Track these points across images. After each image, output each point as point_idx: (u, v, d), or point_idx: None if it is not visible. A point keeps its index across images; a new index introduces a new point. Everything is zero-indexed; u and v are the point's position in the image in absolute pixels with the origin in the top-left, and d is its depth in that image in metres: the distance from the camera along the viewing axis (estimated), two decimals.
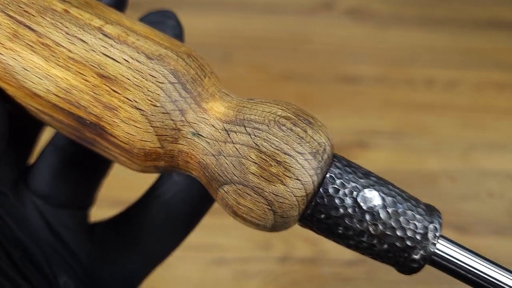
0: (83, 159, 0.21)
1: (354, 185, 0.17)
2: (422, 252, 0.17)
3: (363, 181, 0.17)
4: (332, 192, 0.17)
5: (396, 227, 0.17)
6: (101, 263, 0.22)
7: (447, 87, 0.60)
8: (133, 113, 0.16)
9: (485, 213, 0.50)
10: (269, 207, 0.17)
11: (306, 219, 0.17)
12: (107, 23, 0.17)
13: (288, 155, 0.16)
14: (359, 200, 0.17)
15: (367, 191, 0.17)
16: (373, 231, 0.17)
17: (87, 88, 0.17)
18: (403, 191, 0.18)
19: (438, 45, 0.64)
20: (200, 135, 0.17)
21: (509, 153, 0.55)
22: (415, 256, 0.17)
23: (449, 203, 0.51)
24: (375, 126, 0.56)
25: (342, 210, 0.17)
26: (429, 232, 0.17)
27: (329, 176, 0.17)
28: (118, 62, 0.17)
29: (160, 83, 0.17)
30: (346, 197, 0.17)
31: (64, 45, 0.17)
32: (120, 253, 0.22)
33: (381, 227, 0.17)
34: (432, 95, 0.59)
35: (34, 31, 0.17)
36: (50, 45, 0.17)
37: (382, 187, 0.17)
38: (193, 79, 0.17)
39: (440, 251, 0.17)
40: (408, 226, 0.17)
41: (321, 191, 0.17)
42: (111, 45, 0.17)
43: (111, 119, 0.17)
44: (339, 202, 0.17)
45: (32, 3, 0.17)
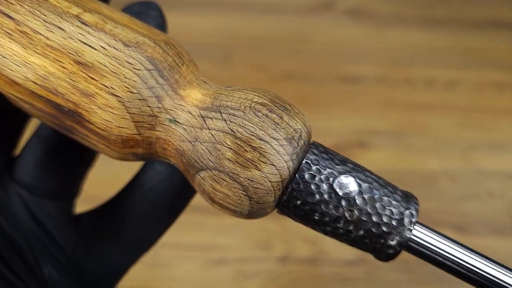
0: (67, 149, 0.21)
1: (330, 171, 0.17)
2: (398, 238, 0.17)
3: (340, 167, 0.17)
4: (308, 178, 0.17)
5: (372, 213, 0.17)
6: (85, 253, 0.22)
7: (447, 87, 0.60)
8: (110, 100, 0.17)
9: (485, 213, 0.50)
10: (245, 193, 0.17)
11: (283, 206, 0.17)
12: (85, 11, 0.17)
13: (263, 140, 0.16)
14: (335, 186, 0.17)
15: (343, 177, 0.17)
16: (349, 217, 0.17)
17: (65, 75, 0.17)
18: (380, 178, 0.18)
19: (438, 45, 0.64)
20: (177, 121, 0.17)
21: (509, 153, 0.55)
22: (391, 242, 0.17)
23: (449, 203, 0.51)
24: (375, 126, 0.56)
25: (318, 196, 0.17)
26: (405, 218, 0.17)
27: (305, 162, 0.17)
28: (95, 49, 0.17)
29: (136, 70, 0.17)
30: (322, 183, 0.17)
31: (42, 33, 0.17)
32: (104, 243, 0.22)
33: (357, 213, 0.17)
34: (432, 95, 0.59)
35: (12, 19, 0.17)
36: (28, 33, 0.17)
37: (358, 174, 0.17)
38: (171, 66, 0.17)
39: (416, 237, 0.17)
40: (384, 212, 0.17)
41: (297, 177, 0.17)
42: (89, 33, 0.17)
43: (88, 105, 0.17)
44: (315, 188, 0.17)
45: None
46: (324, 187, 0.17)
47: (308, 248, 0.48)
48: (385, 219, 0.17)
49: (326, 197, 0.17)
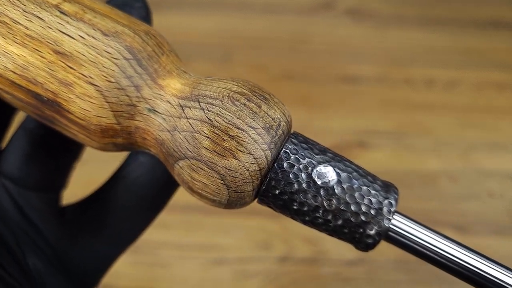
0: (53, 142, 0.21)
1: (309, 160, 0.17)
2: (376, 227, 0.17)
3: (319, 157, 0.17)
4: (286, 167, 0.17)
5: (350, 202, 0.17)
6: (70, 245, 0.22)
7: (447, 87, 0.60)
8: (88, 89, 0.17)
9: (485, 213, 0.50)
10: (223, 182, 0.17)
11: (262, 195, 0.17)
12: (65, 1, 0.17)
13: (240, 129, 0.16)
14: (313, 175, 0.17)
15: (322, 166, 0.17)
16: (327, 206, 0.17)
17: (43, 64, 0.17)
18: (360, 168, 0.18)
19: (438, 45, 0.64)
20: (155, 111, 0.17)
21: (509, 153, 0.55)
22: (370, 231, 0.17)
23: (449, 203, 0.51)
24: (375, 126, 0.56)
25: (296, 185, 0.17)
26: (384, 207, 0.17)
27: (284, 151, 0.17)
28: (73, 38, 0.17)
29: (115, 59, 0.17)
30: (300, 172, 0.17)
31: (21, 23, 0.17)
32: (89, 236, 0.22)
33: (335, 202, 0.17)
34: (432, 95, 0.59)
35: None
36: (7, 23, 0.17)
37: (338, 163, 0.17)
38: (150, 56, 0.17)
39: (395, 226, 0.17)
40: (362, 201, 0.17)
41: (276, 166, 0.17)
42: (68, 22, 0.17)
43: (66, 95, 0.17)
44: (293, 177, 0.17)
45: None
46: (302, 176, 0.17)
47: (308, 248, 0.48)
48: (363, 209, 0.17)
49: (304, 186, 0.17)
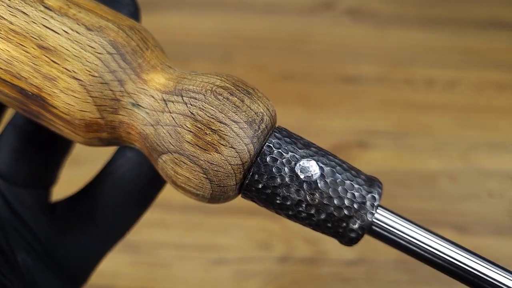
0: (42, 138, 0.21)
1: (292, 154, 0.17)
2: (359, 221, 0.17)
3: (302, 151, 0.17)
4: (269, 161, 0.17)
5: (333, 196, 0.17)
6: (59, 241, 0.22)
7: (447, 87, 0.60)
8: (72, 83, 0.17)
9: (485, 213, 0.50)
10: (205, 176, 0.17)
11: (246, 190, 0.18)
12: None
13: (223, 123, 0.16)
14: (296, 169, 0.17)
15: (305, 161, 0.17)
16: (310, 201, 0.17)
17: (28, 59, 0.17)
18: (343, 162, 0.18)
19: (438, 45, 0.64)
20: (139, 105, 0.17)
21: (509, 153, 0.55)
22: (353, 225, 0.17)
23: (449, 203, 0.51)
24: (375, 126, 0.56)
25: (279, 179, 0.17)
26: (367, 201, 0.17)
27: (267, 145, 0.17)
28: (57, 33, 0.17)
29: (98, 53, 0.17)
30: (283, 166, 0.17)
31: (5, 17, 0.17)
32: (77, 231, 0.22)
33: (318, 197, 0.17)
34: (432, 95, 0.59)
35: None
36: None
37: (321, 157, 0.17)
38: (134, 50, 0.17)
39: (378, 220, 0.17)
40: (345, 195, 0.17)
41: (259, 160, 0.17)
42: (52, 17, 0.17)
43: (50, 89, 0.17)
44: (276, 171, 0.17)
45: None
46: (285, 170, 0.17)
47: (308, 248, 0.48)
48: (346, 203, 0.17)
49: (287, 180, 0.17)
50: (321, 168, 0.17)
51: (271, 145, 0.17)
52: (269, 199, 0.17)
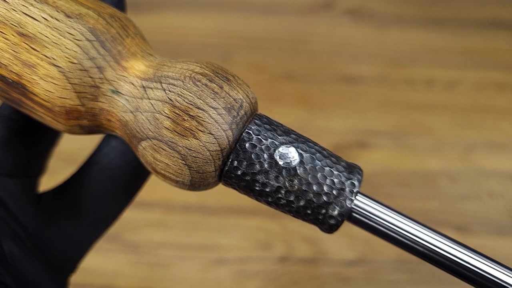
0: (29, 128, 0.21)
1: (271, 141, 0.17)
2: (338, 208, 0.17)
3: (282, 138, 0.17)
4: (248, 147, 0.17)
5: (312, 182, 0.17)
6: (47, 231, 0.22)
7: (447, 87, 0.60)
8: (51, 70, 0.17)
9: (485, 213, 0.50)
10: (184, 162, 0.17)
11: (226, 177, 0.18)
12: None
13: (201, 109, 0.16)
14: (276, 156, 0.17)
15: (285, 147, 0.17)
16: (289, 187, 0.17)
17: (7, 46, 0.17)
18: (324, 149, 0.18)
19: (438, 45, 0.64)
20: (119, 92, 0.17)
21: (509, 153, 0.55)
22: (332, 212, 0.17)
23: (449, 203, 0.51)
24: (375, 126, 0.56)
25: (258, 166, 0.17)
26: (346, 188, 0.17)
27: (246, 132, 0.17)
28: (37, 20, 0.17)
29: (77, 40, 0.17)
30: (263, 153, 0.17)
31: None
32: (64, 221, 0.22)
33: (297, 183, 0.17)
34: (432, 95, 0.59)
35: None
36: None
37: (301, 144, 0.17)
38: (114, 38, 0.17)
39: (358, 207, 0.17)
40: (324, 182, 0.17)
41: (238, 146, 0.17)
42: (31, 4, 0.17)
43: (30, 76, 0.17)
44: (255, 157, 0.17)
45: None
46: (264, 157, 0.17)
47: (308, 248, 0.48)
48: (326, 189, 0.17)
49: (266, 166, 0.17)
50: (300, 154, 0.17)
51: (251, 132, 0.17)
52: (249, 186, 0.17)
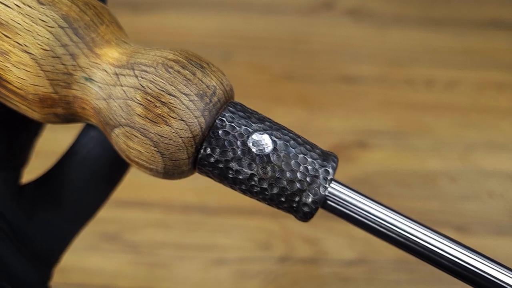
0: (11, 119, 0.21)
1: (245, 128, 0.17)
2: (312, 195, 0.17)
3: (256, 125, 0.17)
4: (221, 134, 0.17)
5: (286, 170, 0.17)
6: (29, 223, 0.22)
7: (447, 87, 0.60)
8: (23, 57, 0.17)
9: (485, 213, 0.50)
10: (156, 149, 0.17)
11: (200, 165, 0.17)
12: None
13: (172, 96, 0.16)
14: (249, 143, 0.17)
15: (258, 134, 0.17)
16: (263, 174, 0.17)
17: None
18: (298, 136, 0.18)
19: (438, 45, 0.64)
20: (92, 80, 0.17)
21: (509, 153, 0.55)
22: (306, 199, 0.17)
23: (449, 203, 0.51)
24: (375, 126, 0.56)
25: (231, 153, 0.17)
26: (320, 175, 0.17)
27: (220, 119, 0.17)
28: (9, 7, 0.17)
29: (50, 27, 0.17)
30: (236, 140, 0.17)
31: None
32: (46, 212, 0.22)
33: (270, 170, 0.17)
34: (432, 95, 0.59)
35: None
36: None
37: (275, 132, 0.17)
38: (87, 25, 0.17)
39: (332, 195, 0.17)
40: (298, 169, 0.17)
41: (211, 133, 0.17)
42: None
43: (3, 64, 0.17)
44: (228, 145, 0.17)
45: None
46: (238, 144, 0.17)
47: (308, 248, 0.48)
48: (299, 176, 0.17)
49: (240, 153, 0.17)
50: (274, 142, 0.17)
51: (224, 119, 0.17)
52: (223, 174, 0.17)
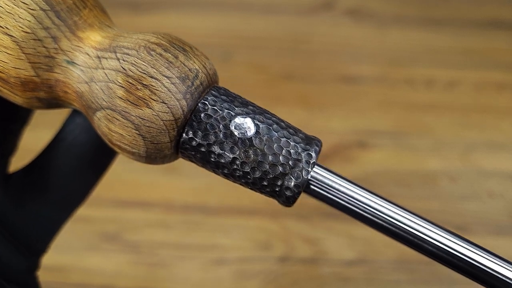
0: None
1: (227, 112, 0.17)
2: (294, 179, 0.17)
3: (239, 109, 0.17)
4: (203, 118, 0.17)
5: (268, 153, 0.17)
6: (16, 211, 0.22)
7: (447, 87, 0.60)
8: (5, 40, 0.17)
9: (485, 213, 0.50)
10: (138, 132, 0.17)
11: (182, 149, 0.17)
12: None
13: (154, 78, 0.16)
14: (231, 126, 0.17)
15: (241, 118, 0.17)
16: (245, 158, 0.17)
17: None
18: (282, 120, 0.18)
19: (438, 45, 0.64)
20: (74, 63, 0.17)
21: (509, 153, 0.55)
22: (289, 183, 0.17)
23: (449, 203, 0.51)
24: (375, 126, 0.56)
25: (213, 136, 0.17)
26: (303, 158, 0.17)
27: (202, 102, 0.17)
28: None
29: (31, 9, 0.17)
30: (218, 123, 0.17)
31: None
32: (33, 200, 0.22)
33: (253, 154, 0.17)
34: (432, 95, 0.59)
35: None
36: None
37: (258, 115, 0.17)
38: (70, 8, 0.17)
39: (315, 179, 0.17)
40: (280, 152, 0.17)
41: (193, 117, 0.17)
42: None
43: None
44: (210, 128, 0.17)
45: None
46: (220, 127, 0.17)
47: (308, 248, 0.48)
48: (281, 160, 0.17)
49: (222, 137, 0.17)
50: (256, 125, 0.17)
51: (206, 102, 0.17)
52: (205, 158, 0.17)
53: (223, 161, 0.17)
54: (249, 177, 0.17)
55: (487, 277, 0.17)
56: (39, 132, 0.28)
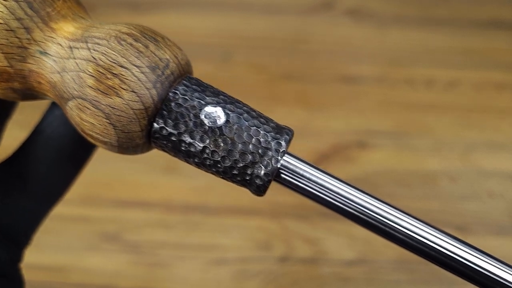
0: None
1: (198, 101, 0.17)
2: (264, 167, 0.17)
3: (210, 98, 0.17)
4: (174, 107, 0.17)
5: (238, 142, 0.17)
6: None
7: (447, 87, 0.60)
8: None
9: (485, 213, 0.50)
10: (108, 121, 0.17)
11: (154, 138, 0.18)
12: None
13: (124, 67, 0.17)
14: (201, 115, 0.17)
15: (211, 107, 0.17)
16: (215, 147, 0.17)
17: None
18: (253, 110, 0.18)
19: (438, 45, 0.64)
20: (47, 53, 0.17)
21: (509, 153, 0.55)
22: (259, 172, 0.17)
23: (449, 203, 0.51)
24: (375, 126, 0.56)
25: (184, 126, 0.17)
26: (272, 147, 0.17)
27: (173, 92, 0.17)
28: None
29: (4, 0, 0.17)
30: (189, 112, 0.17)
31: None
32: (14, 193, 0.22)
33: (222, 143, 0.17)
34: (432, 95, 0.59)
35: None
36: None
37: (229, 105, 0.17)
38: None
39: (285, 167, 0.17)
40: (250, 141, 0.17)
41: (164, 106, 0.17)
42: None
43: None
44: (181, 117, 0.17)
45: None
46: (190, 116, 0.17)
47: (308, 248, 0.48)
48: (251, 148, 0.17)
49: (192, 126, 0.17)
50: (227, 114, 0.17)
51: (177, 92, 0.17)
52: (176, 147, 0.17)
53: (193, 150, 0.17)
54: (219, 166, 0.17)
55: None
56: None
